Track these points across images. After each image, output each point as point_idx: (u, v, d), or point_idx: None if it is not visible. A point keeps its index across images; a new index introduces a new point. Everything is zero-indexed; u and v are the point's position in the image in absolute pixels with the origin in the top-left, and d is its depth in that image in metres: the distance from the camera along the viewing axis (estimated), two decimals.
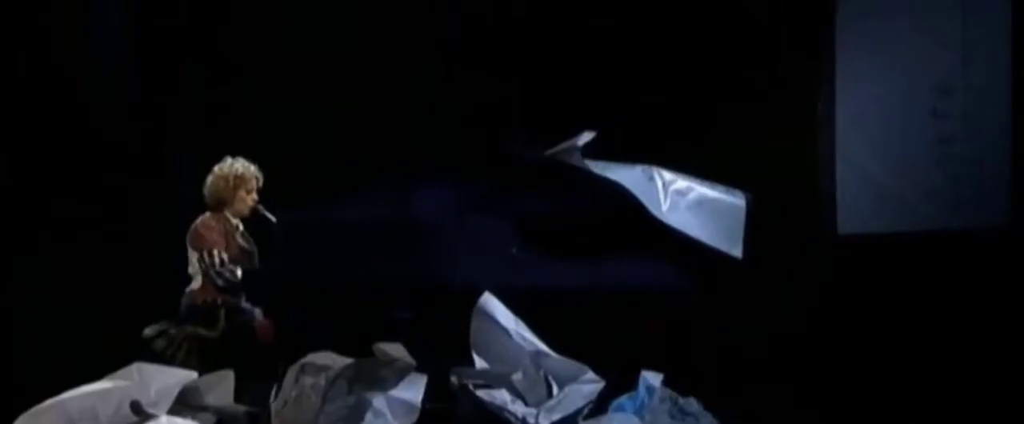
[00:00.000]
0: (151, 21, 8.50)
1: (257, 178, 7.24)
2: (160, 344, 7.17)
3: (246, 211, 7.23)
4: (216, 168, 7.24)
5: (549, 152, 7.40)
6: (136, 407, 6.07)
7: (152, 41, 8.50)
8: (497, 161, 7.53)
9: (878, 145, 7.67)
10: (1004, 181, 7.58)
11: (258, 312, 7.31)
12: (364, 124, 8.15)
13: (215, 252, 7.07)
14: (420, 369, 6.53)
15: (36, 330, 8.11)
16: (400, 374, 6.30)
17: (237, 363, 6.91)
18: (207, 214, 7.21)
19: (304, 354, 6.71)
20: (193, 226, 7.19)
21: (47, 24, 8.31)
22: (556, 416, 6.57)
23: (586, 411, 6.70)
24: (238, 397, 6.70)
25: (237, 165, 7.21)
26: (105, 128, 8.37)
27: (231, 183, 7.18)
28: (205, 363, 6.92)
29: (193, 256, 7.14)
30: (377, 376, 6.27)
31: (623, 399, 6.89)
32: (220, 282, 7.06)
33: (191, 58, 8.46)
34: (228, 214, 7.23)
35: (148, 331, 7.24)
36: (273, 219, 7.28)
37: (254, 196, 7.23)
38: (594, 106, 7.75)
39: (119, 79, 8.49)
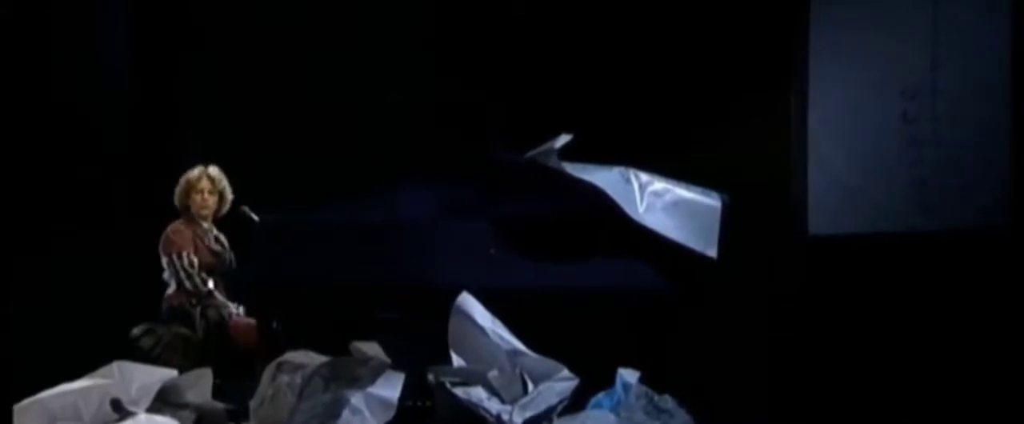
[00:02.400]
0: (142, 26, 8.62)
1: (211, 178, 7.47)
2: (147, 343, 7.40)
3: (208, 213, 7.49)
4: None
5: (528, 155, 7.51)
6: (116, 404, 6.18)
7: (141, 45, 8.62)
8: (476, 163, 7.61)
9: (849, 148, 7.77)
10: (973, 183, 7.70)
11: (241, 311, 7.50)
12: (346, 126, 8.29)
13: (184, 254, 7.33)
14: (401, 367, 6.64)
15: (27, 329, 8.21)
16: (376, 372, 6.39)
17: (218, 361, 7.07)
18: (179, 221, 7.46)
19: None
20: (164, 232, 7.45)
21: (41, 29, 8.42)
22: (530, 413, 6.63)
23: (560, 408, 6.79)
24: (222, 395, 6.83)
25: (190, 172, 7.54)
26: (98, 131, 8.48)
27: (182, 188, 7.55)
28: (189, 361, 7.09)
29: (164, 260, 7.38)
30: (353, 374, 6.34)
31: (601, 396, 6.98)
32: (188, 285, 7.34)
33: (180, 63, 8.59)
34: (198, 218, 7.47)
35: (135, 330, 7.45)
36: (256, 219, 7.46)
37: (204, 197, 7.47)
38: (571, 110, 7.86)
39: (114, 83, 8.60)
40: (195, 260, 7.43)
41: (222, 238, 7.66)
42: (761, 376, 7.59)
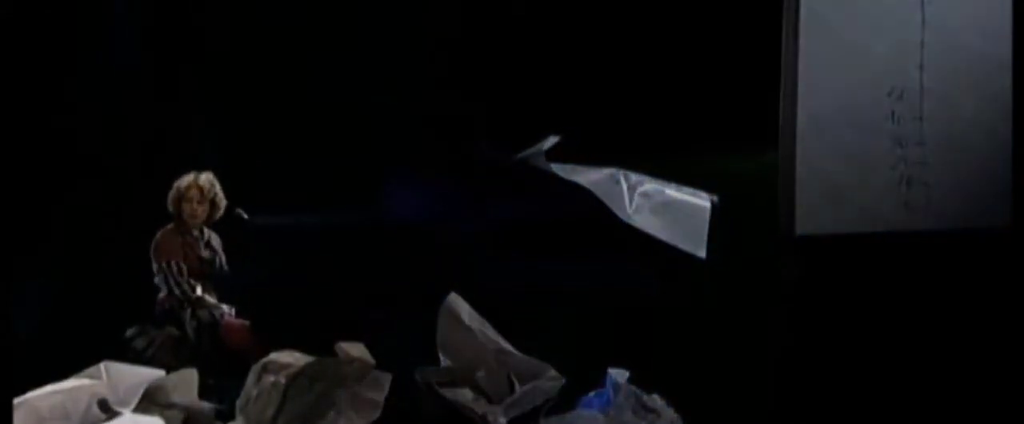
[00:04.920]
0: (141, 26, 8.68)
1: (201, 188, 7.54)
2: (140, 343, 7.48)
3: (198, 221, 7.56)
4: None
5: (517, 156, 7.56)
6: (103, 405, 6.26)
7: (139, 46, 8.68)
8: (466, 165, 7.66)
9: (837, 148, 7.77)
10: (960, 183, 7.70)
11: (233, 312, 7.57)
12: (338, 127, 8.34)
13: (173, 263, 7.43)
14: (387, 368, 6.70)
15: (24, 330, 8.26)
16: (361, 373, 6.45)
17: (212, 362, 7.15)
18: (170, 225, 7.55)
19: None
20: (155, 238, 7.53)
21: (41, 30, 8.48)
22: (516, 412, 6.72)
23: (547, 408, 6.85)
24: (217, 395, 6.90)
25: (182, 180, 7.57)
26: (97, 131, 8.55)
27: (173, 195, 7.65)
28: (182, 361, 7.16)
29: (154, 266, 7.48)
30: (338, 374, 6.42)
31: (591, 396, 7.06)
32: (177, 292, 7.42)
33: (178, 65, 8.64)
34: (188, 225, 7.55)
35: (129, 331, 7.53)
36: (247, 217, 7.55)
37: (193, 206, 7.56)
38: (561, 111, 7.90)
39: (112, 83, 8.65)
40: (184, 268, 7.53)
41: (214, 242, 7.73)
42: (749, 376, 7.60)
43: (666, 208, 7.56)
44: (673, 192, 7.62)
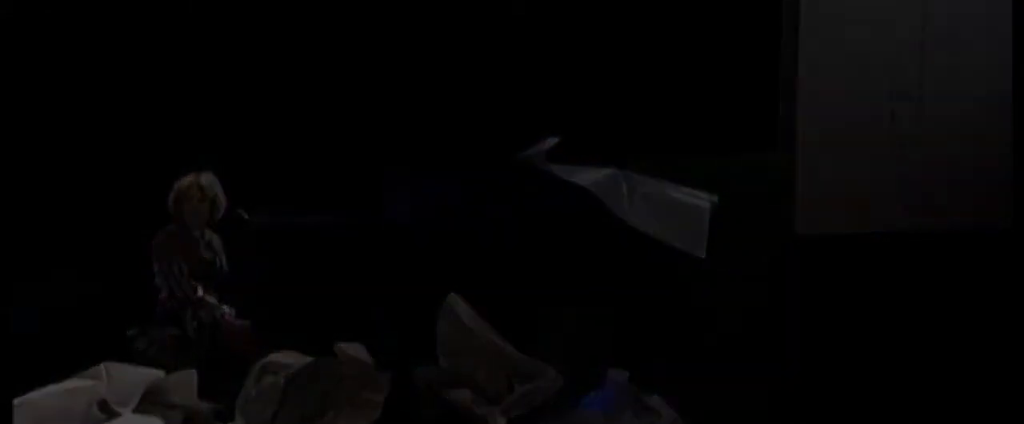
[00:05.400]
0: (140, 25, 8.69)
1: (202, 187, 7.51)
2: (141, 343, 7.44)
3: (199, 221, 7.53)
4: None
5: (518, 156, 7.57)
6: (103, 405, 6.26)
7: (139, 45, 8.69)
8: (467, 165, 7.67)
9: (836, 147, 7.81)
10: (959, 184, 7.74)
11: (233, 313, 7.56)
12: (336, 127, 8.35)
13: (174, 263, 7.41)
14: (388, 368, 6.71)
15: (25, 329, 8.28)
16: (361, 373, 6.46)
17: (208, 361, 7.14)
18: (170, 225, 7.53)
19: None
20: (155, 238, 7.51)
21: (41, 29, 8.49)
22: (516, 412, 6.73)
23: (547, 408, 6.86)
24: (217, 395, 6.90)
25: (182, 180, 7.52)
26: (94, 134, 8.56)
27: (174, 195, 7.55)
28: (183, 361, 7.15)
29: (155, 267, 7.46)
30: (337, 375, 6.43)
31: (591, 396, 7.06)
32: (178, 292, 7.40)
33: (178, 64, 8.65)
34: (189, 225, 7.53)
35: (131, 332, 7.52)
36: (247, 216, 7.53)
37: (194, 205, 7.52)
38: (561, 111, 7.92)
39: (112, 82, 8.67)
40: (185, 268, 7.49)
41: (214, 243, 7.70)
42: (749, 376, 7.62)
43: (666, 208, 7.58)
44: (673, 192, 7.64)
